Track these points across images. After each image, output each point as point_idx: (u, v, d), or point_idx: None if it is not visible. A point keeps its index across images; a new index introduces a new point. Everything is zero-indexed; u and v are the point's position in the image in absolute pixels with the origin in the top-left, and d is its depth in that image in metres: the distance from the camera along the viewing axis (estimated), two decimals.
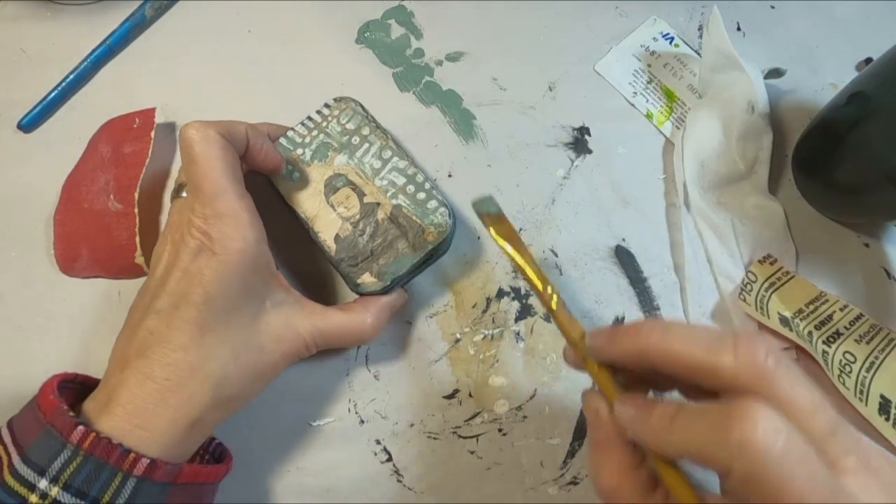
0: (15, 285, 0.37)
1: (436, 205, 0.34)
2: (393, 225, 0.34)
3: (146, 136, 0.38)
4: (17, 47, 0.41)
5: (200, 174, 0.28)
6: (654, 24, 0.43)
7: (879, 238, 0.39)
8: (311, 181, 0.35)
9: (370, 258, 0.34)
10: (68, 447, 0.26)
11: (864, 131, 0.34)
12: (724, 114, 0.39)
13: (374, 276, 0.34)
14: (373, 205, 0.35)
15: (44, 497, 0.25)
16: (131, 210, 0.37)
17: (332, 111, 0.36)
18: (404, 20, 0.43)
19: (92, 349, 0.36)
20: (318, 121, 0.36)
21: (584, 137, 0.41)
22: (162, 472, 0.27)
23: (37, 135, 0.40)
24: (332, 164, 0.36)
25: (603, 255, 0.38)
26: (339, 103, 0.37)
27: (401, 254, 0.34)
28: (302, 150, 0.36)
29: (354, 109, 0.36)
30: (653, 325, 0.24)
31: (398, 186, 0.35)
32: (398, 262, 0.34)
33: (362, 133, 0.36)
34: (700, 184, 0.39)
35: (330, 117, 0.36)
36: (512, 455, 0.35)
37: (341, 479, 0.35)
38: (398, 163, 0.35)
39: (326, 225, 0.35)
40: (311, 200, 0.35)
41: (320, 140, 0.36)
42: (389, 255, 0.34)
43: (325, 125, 0.36)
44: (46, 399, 0.27)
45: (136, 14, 0.42)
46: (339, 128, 0.36)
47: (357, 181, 0.35)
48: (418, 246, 0.34)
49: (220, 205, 0.28)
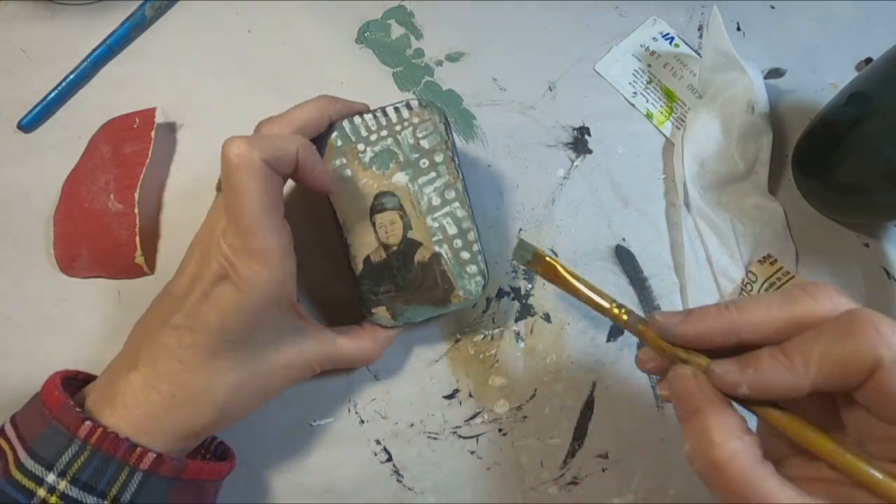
0: (15, 285, 0.37)
1: (475, 271, 0.33)
2: (427, 273, 0.33)
3: (146, 135, 0.38)
4: (17, 47, 0.41)
5: (237, 204, 0.27)
6: (654, 25, 0.43)
7: (879, 238, 0.39)
8: (361, 187, 0.32)
9: (392, 294, 0.33)
10: (76, 442, 0.26)
11: (864, 131, 0.34)
12: (724, 114, 0.39)
13: (389, 314, 0.33)
14: (415, 243, 0.33)
15: (52, 491, 0.25)
16: (131, 210, 0.37)
17: (412, 117, 0.32)
18: (404, 20, 0.43)
19: (92, 349, 0.36)
20: (392, 120, 0.32)
21: (584, 137, 0.41)
22: (168, 467, 0.27)
23: (37, 135, 0.40)
24: (391, 178, 0.32)
25: (603, 255, 0.38)
26: (423, 110, 0.32)
27: (423, 303, 0.33)
28: (363, 147, 0.32)
29: (436, 126, 0.32)
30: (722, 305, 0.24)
31: (447, 235, 0.33)
32: (417, 310, 0.33)
33: (434, 159, 0.32)
34: (700, 184, 0.39)
35: (407, 123, 0.32)
36: (512, 455, 0.35)
37: (341, 479, 0.35)
38: (457, 210, 0.33)
39: (362, 242, 0.33)
40: (354, 209, 0.33)
41: (387, 145, 0.32)
42: (411, 299, 0.33)
43: (399, 130, 0.32)
44: (51, 395, 0.27)
45: (136, 14, 0.42)
46: (413, 140, 0.32)
47: (409, 210, 0.32)
48: (441, 303, 0.33)
49: (253, 241, 0.27)
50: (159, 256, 0.38)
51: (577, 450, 0.35)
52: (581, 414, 0.36)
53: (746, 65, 0.37)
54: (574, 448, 0.35)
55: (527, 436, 0.36)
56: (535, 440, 0.36)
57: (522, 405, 0.36)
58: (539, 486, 0.35)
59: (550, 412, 0.36)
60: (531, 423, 0.36)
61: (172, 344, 0.28)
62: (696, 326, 0.24)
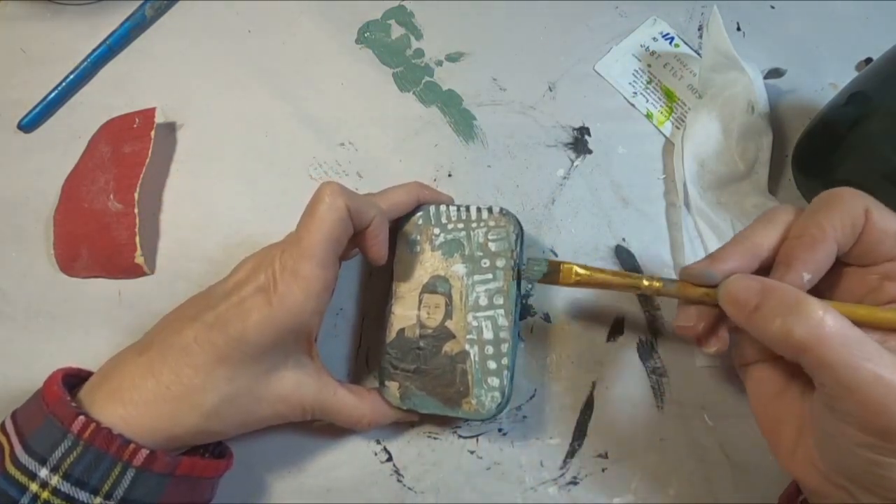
0: (15, 285, 0.37)
1: (496, 384, 0.32)
2: (450, 367, 0.33)
3: (146, 135, 0.38)
4: (17, 47, 0.41)
5: (307, 229, 0.29)
6: (654, 25, 0.43)
7: None
8: (423, 264, 0.34)
9: (409, 374, 0.33)
10: (69, 437, 0.26)
11: (864, 131, 0.34)
12: (724, 114, 0.39)
13: (398, 393, 0.33)
14: (449, 333, 0.33)
15: (44, 486, 0.25)
16: (131, 210, 0.37)
17: (490, 220, 0.34)
18: (404, 20, 0.43)
19: (92, 349, 0.36)
20: (472, 217, 0.35)
21: (583, 137, 0.41)
22: (161, 464, 0.27)
23: (37, 135, 0.40)
24: (450, 266, 0.34)
25: (603, 255, 0.38)
26: (502, 217, 0.34)
27: (433, 395, 0.33)
28: (438, 231, 0.35)
29: (509, 234, 0.34)
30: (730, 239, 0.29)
31: (482, 338, 0.33)
32: (425, 401, 0.33)
33: (496, 263, 0.34)
34: (700, 184, 0.39)
35: (483, 224, 0.34)
36: (511, 455, 0.35)
37: (341, 479, 0.35)
38: (500, 318, 0.33)
39: (403, 313, 0.34)
40: (409, 280, 0.34)
41: (459, 236, 0.34)
42: (425, 387, 0.33)
43: (474, 227, 0.34)
44: (50, 390, 0.27)
45: (136, 14, 0.42)
46: (483, 240, 0.34)
47: (455, 301, 0.33)
48: (451, 403, 0.32)
49: (303, 266, 0.28)
50: (159, 256, 0.38)
51: (577, 450, 0.35)
52: (581, 414, 0.36)
53: (746, 65, 0.37)
54: (574, 448, 0.35)
55: (527, 436, 0.36)
56: (535, 440, 0.36)
57: (522, 405, 0.36)
58: (539, 486, 0.35)
59: (550, 412, 0.36)
60: (531, 423, 0.36)
61: (189, 335, 0.28)
62: (727, 259, 0.28)
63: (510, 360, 0.32)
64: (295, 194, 0.39)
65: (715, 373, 0.36)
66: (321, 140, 0.40)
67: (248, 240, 0.38)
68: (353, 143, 0.41)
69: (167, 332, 0.29)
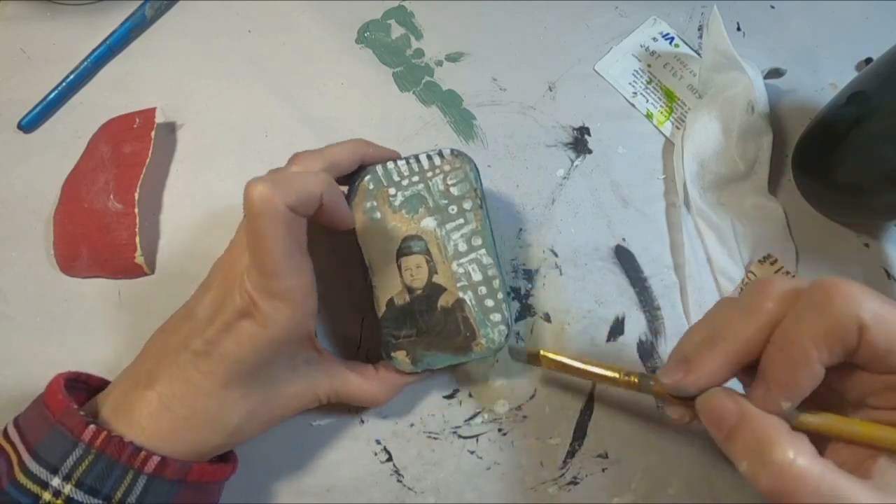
0: (15, 285, 0.37)
1: (499, 319, 0.32)
2: (449, 318, 0.32)
3: (146, 136, 0.38)
4: (17, 47, 0.41)
5: (260, 250, 0.26)
6: (654, 25, 0.43)
7: (879, 238, 0.39)
8: (389, 230, 0.33)
9: (413, 339, 0.33)
10: (80, 445, 0.26)
11: (864, 131, 0.34)
12: (724, 114, 0.39)
13: (409, 358, 0.33)
14: (440, 288, 0.32)
15: (57, 494, 0.25)
16: (131, 210, 0.37)
17: (444, 164, 0.33)
18: (404, 20, 0.43)
19: (92, 349, 0.36)
20: (424, 167, 0.33)
21: (583, 137, 0.41)
22: (172, 470, 0.27)
23: (37, 135, 0.40)
24: (419, 223, 0.33)
25: (603, 255, 0.38)
26: (454, 158, 0.33)
27: (443, 349, 0.33)
28: (394, 192, 0.33)
29: (467, 174, 0.33)
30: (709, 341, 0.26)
31: (472, 281, 0.32)
32: (437, 357, 0.33)
33: (463, 206, 0.33)
34: (700, 184, 0.39)
35: (438, 170, 0.33)
36: (512, 455, 0.35)
37: (341, 479, 0.35)
38: (483, 257, 0.33)
39: (386, 284, 0.33)
40: (381, 250, 0.33)
41: (418, 190, 0.33)
42: (432, 344, 0.33)
43: (430, 176, 0.33)
44: (55, 398, 0.27)
45: (136, 14, 0.42)
46: (443, 187, 0.33)
47: (435, 255, 0.33)
48: (463, 351, 0.33)
49: (276, 284, 0.26)
50: (159, 256, 0.38)
51: (577, 450, 0.35)
52: (581, 414, 0.36)
53: (746, 65, 0.37)
54: (574, 448, 0.35)
55: (527, 436, 0.36)
56: (535, 440, 0.36)
57: (522, 405, 0.36)
58: (539, 485, 0.35)
59: (550, 412, 0.36)
60: (531, 423, 0.36)
61: (190, 368, 0.28)
62: (702, 368, 0.25)
63: (504, 291, 0.33)
64: None
65: None
66: (321, 140, 0.40)
67: None
68: None
69: (167, 364, 0.28)
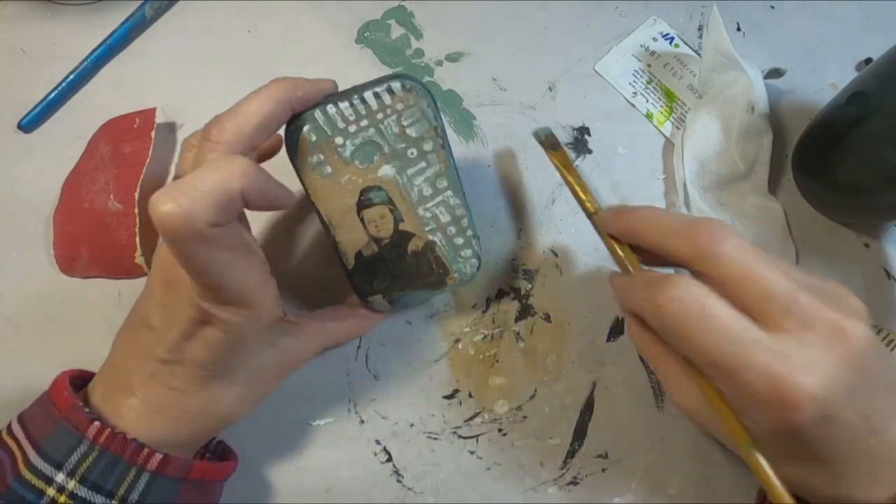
0: (14, 285, 0.37)
1: (470, 254, 0.33)
2: (421, 261, 0.32)
3: (146, 136, 0.38)
4: (17, 47, 0.41)
5: (194, 272, 0.24)
6: (653, 25, 0.43)
7: (879, 238, 0.39)
8: (343, 184, 0.29)
9: (387, 283, 0.33)
10: (84, 442, 0.26)
11: (864, 131, 0.34)
12: (724, 114, 0.39)
13: (386, 300, 0.33)
14: (408, 234, 0.32)
15: (61, 490, 0.26)
16: (131, 210, 0.37)
17: (396, 102, 0.28)
18: (404, 20, 0.43)
19: (92, 349, 0.36)
20: (373, 108, 0.28)
21: (583, 137, 0.41)
22: (174, 468, 0.27)
23: (37, 135, 0.40)
24: (376, 172, 0.29)
25: (603, 255, 0.38)
26: (407, 94, 0.28)
27: (418, 289, 0.33)
28: (342, 141, 0.28)
29: (423, 111, 0.29)
30: (643, 211, 0.28)
31: (440, 223, 0.32)
32: (412, 295, 0.33)
33: (423, 147, 0.30)
34: (700, 184, 0.39)
35: (390, 110, 0.28)
36: (512, 455, 0.35)
37: (341, 479, 0.35)
38: (450, 198, 0.31)
39: (350, 238, 0.31)
40: (339, 206, 0.30)
41: (369, 135, 0.29)
42: (406, 285, 0.33)
43: (382, 118, 0.29)
44: (60, 395, 0.27)
45: (136, 14, 0.42)
46: (398, 129, 0.29)
47: (398, 203, 0.30)
48: (437, 285, 0.33)
49: (225, 294, 0.25)
50: None
51: (577, 450, 0.35)
52: (581, 414, 0.36)
53: (746, 65, 0.37)
54: (574, 448, 0.35)
55: (527, 436, 0.36)
56: (535, 440, 0.36)
57: (522, 405, 0.36)
58: (539, 486, 0.35)
59: (550, 412, 0.36)
60: (531, 424, 0.36)
61: (167, 375, 0.27)
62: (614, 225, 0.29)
63: (473, 228, 0.33)
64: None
65: None
66: None
67: None
68: None
69: (140, 373, 0.27)
